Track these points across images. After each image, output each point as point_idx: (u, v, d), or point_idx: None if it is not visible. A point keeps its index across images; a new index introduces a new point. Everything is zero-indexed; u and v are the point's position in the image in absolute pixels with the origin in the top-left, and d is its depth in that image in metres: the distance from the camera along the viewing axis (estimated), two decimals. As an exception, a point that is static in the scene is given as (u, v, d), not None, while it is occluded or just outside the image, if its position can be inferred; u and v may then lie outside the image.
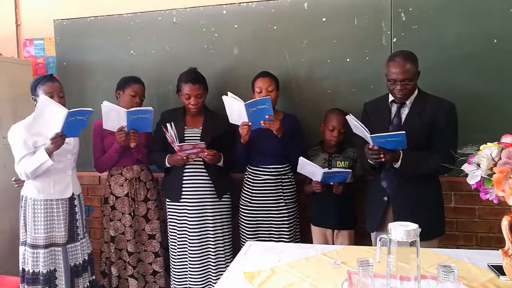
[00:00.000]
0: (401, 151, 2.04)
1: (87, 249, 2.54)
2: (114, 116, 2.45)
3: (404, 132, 1.97)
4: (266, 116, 2.31)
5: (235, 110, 2.35)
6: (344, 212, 2.54)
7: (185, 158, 2.47)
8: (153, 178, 2.80)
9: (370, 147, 2.04)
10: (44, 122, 2.19)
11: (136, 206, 2.70)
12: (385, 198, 2.18)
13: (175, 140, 2.42)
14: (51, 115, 2.17)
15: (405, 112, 2.16)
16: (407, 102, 2.15)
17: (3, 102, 3.00)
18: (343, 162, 2.52)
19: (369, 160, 2.15)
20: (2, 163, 2.92)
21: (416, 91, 2.15)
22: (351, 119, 2.09)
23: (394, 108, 2.19)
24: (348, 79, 2.70)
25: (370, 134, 2.00)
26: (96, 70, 3.14)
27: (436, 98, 2.16)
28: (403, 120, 2.15)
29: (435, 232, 2.16)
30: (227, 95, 2.37)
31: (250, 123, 2.34)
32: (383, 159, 2.03)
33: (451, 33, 2.53)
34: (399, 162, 2.05)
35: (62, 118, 2.15)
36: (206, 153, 2.44)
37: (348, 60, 2.70)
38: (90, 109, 2.25)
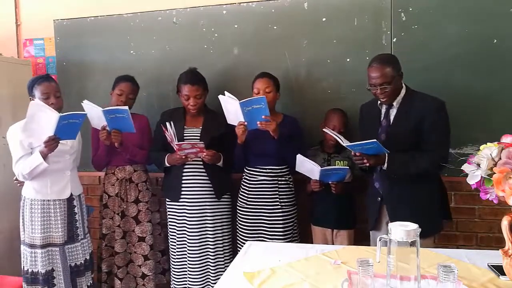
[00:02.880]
0: (386, 154, 2.06)
1: (88, 249, 2.54)
2: (95, 115, 2.46)
3: (375, 140, 2.00)
4: (263, 117, 2.31)
5: (231, 109, 2.35)
6: (344, 212, 2.54)
7: (184, 157, 2.47)
8: (147, 179, 2.79)
9: (353, 153, 2.10)
10: (36, 126, 2.19)
11: (126, 206, 2.70)
12: (379, 199, 2.21)
13: (174, 139, 2.42)
14: (43, 119, 2.17)
15: (393, 113, 2.17)
16: (395, 103, 2.15)
17: (3, 102, 3.00)
18: (342, 162, 2.53)
19: (358, 166, 2.21)
20: (2, 163, 2.92)
21: (404, 91, 2.15)
22: (329, 132, 2.20)
23: (383, 109, 2.20)
24: (348, 79, 2.70)
25: (346, 144, 2.08)
26: (96, 70, 3.14)
27: (424, 96, 2.15)
28: (391, 121, 2.16)
29: (430, 231, 2.15)
30: (224, 95, 2.36)
31: (246, 123, 2.33)
32: (367, 164, 2.08)
33: (451, 33, 2.53)
34: (385, 165, 2.08)
35: (54, 122, 2.15)
36: (205, 153, 2.44)
37: (348, 60, 2.70)
38: (83, 112, 2.26)
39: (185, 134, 2.58)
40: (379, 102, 2.20)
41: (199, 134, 2.58)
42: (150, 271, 2.74)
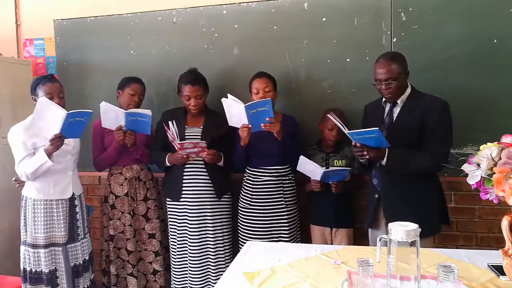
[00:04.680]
0: (386, 149, 2.06)
1: (87, 249, 2.54)
2: (112, 116, 2.48)
3: (377, 128, 1.99)
4: (267, 119, 2.31)
5: (235, 112, 2.34)
6: (342, 211, 2.55)
7: (185, 156, 2.47)
8: (152, 177, 2.81)
9: (353, 144, 2.09)
10: (43, 123, 2.20)
11: (136, 205, 2.71)
12: (376, 196, 2.21)
13: (176, 138, 2.42)
14: (50, 116, 2.17)
15: (396, 111, 2.17)
16: (399, 102, 2.16)
17: (3, 102, 3.00)
18: (340, 161, 2.53)
19: (358, 158, 2.19)
20: (1, 163, 2.92)
21: (409, 90, 2.16)
22: (332, 118, 2.15)
23: (387, 108, 2.21)
24: (348, 79, 2.70)
25: (346, 131, 2.05)
26: (96, 70, 3.13)
27: (428, 96, 2.17)
28: (394, 119, 2.16)
29: (428, 231, 2.14)
30: (226, 96, 2.35)
31: (250, 126, 2.33)
32: (367, 156, 2.07)
33: (451, 33, 2.53)
34: (385, 160, 2.08)
35: (61, 119, 2.15)
36: (206, 153, 2.44)
37: (348, 60, 2.70)
38: (89, 110, 2.26)
39: (186, 134, 2.59)
40: (383, 100, 2.21)
41: (200, 134, 2.58)
42: (161, 267, 2.77)
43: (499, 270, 1.50)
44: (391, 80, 2.07)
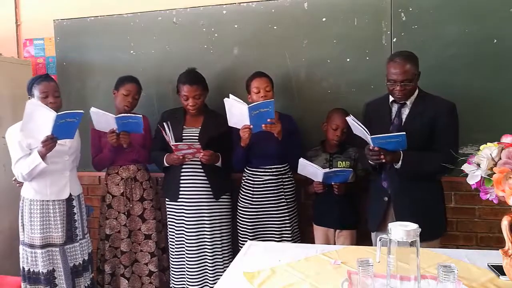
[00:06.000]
0: (401, 152, 2.04)
1: (87, 249, 2.54)
2: (103, 120, 2.49)
3: (404, 133, 1.97)
4: (268, 120, 2.31)
5: (236, 113, 2.33)
6: (346, 212, 2.53)
7: (181, 157, 2.47)
8: (150, 178, 2.80)
9: (371, 147, 2.04)
10: (34, 125, 2.19)
11: (132, 205, 2.71)
12: (386, 199, 2.18)
13: (170, 139, 2.42)
14: (40, 118, 2.17)
15: (405, 112, 2.15)
16: (408, 102, 2.14)
17: (3, 102, 3.00)
18: (344, 162, 2.52)
19: (369, 161, 2.14)
20: (1, 163, 2.92)
21: (417, 91, 2.15)
22: (351, 121, 2.10)
23: (394, 108, 2.18)
24: (348, 79, 2.70)
25: (371, 135, 2.00)
26: (96, 70, 3.13)
27: (436, 98, 2.16)
28: (403, 120, 2.15)
29: (436, 233, 2.15)
30: (227, 96, 2.34)
31: (251, 126, 2.33)
32: (383, 160, 2.03)
33: (451, 33, 2.53)
34: (400, 163, 2.05)
35: (51, 121, 2.15)
36: (202, 154, 2.44)
37: (348, 60, 2.70)
38: (80, 111, 2.25)
39: (184, 134, 2.58)
40: (390, 100, 2.18)
41: (198, 134, 2.58)
42: (156, 268, 2.76)
43: (499, 270, 1.49)
44: (407, 82, 2.04)
